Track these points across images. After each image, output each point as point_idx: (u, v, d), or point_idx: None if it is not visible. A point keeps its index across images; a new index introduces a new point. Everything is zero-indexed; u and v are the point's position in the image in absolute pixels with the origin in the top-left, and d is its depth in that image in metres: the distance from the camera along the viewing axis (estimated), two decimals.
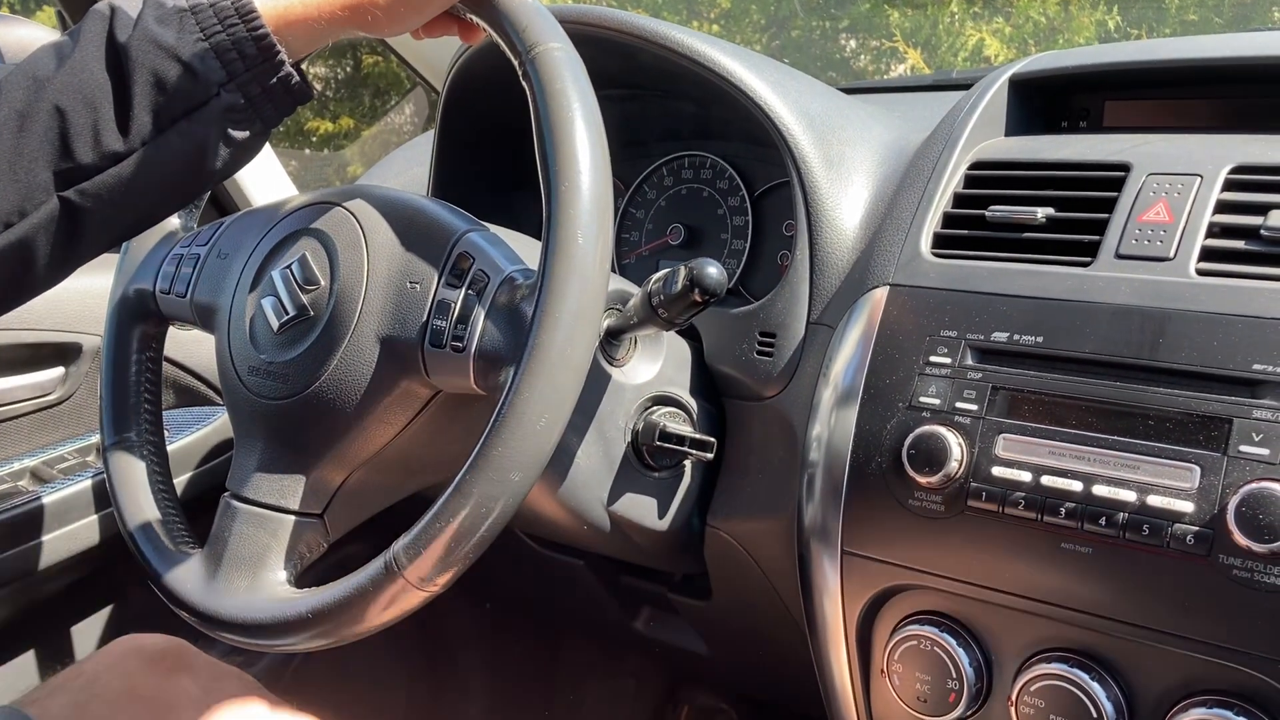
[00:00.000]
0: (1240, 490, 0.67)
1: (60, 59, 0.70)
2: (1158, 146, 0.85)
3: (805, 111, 0.97)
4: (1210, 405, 0.70)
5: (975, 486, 0.77)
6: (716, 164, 1.17)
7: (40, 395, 1.26)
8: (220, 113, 0.72)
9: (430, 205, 0.82)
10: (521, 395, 0.66)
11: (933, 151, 0.94)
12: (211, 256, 0.93)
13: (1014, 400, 0.77)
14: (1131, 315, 0.75)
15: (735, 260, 1.13)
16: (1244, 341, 0.70)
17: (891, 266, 0.88)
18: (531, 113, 0.71)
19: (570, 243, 0.67)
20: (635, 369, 0.90)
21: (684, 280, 0.75)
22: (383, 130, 4.52)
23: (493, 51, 0.81)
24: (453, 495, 0.67)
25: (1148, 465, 0.71)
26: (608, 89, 0.89)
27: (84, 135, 0.69)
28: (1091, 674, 0.74)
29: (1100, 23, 4.77)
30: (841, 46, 5.03)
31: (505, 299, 0.74)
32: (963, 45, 5.01)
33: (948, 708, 0.81)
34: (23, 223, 0.69)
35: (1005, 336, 0.79)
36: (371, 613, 0.71)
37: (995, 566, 0.77)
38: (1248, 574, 0.67)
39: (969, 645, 0.80)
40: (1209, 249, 0.77)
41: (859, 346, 0.85)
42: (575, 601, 1.32)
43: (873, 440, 0.82)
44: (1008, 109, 0.98)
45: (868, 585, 0.84)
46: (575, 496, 0.89)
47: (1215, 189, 0.79)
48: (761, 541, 0.95)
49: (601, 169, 0.69)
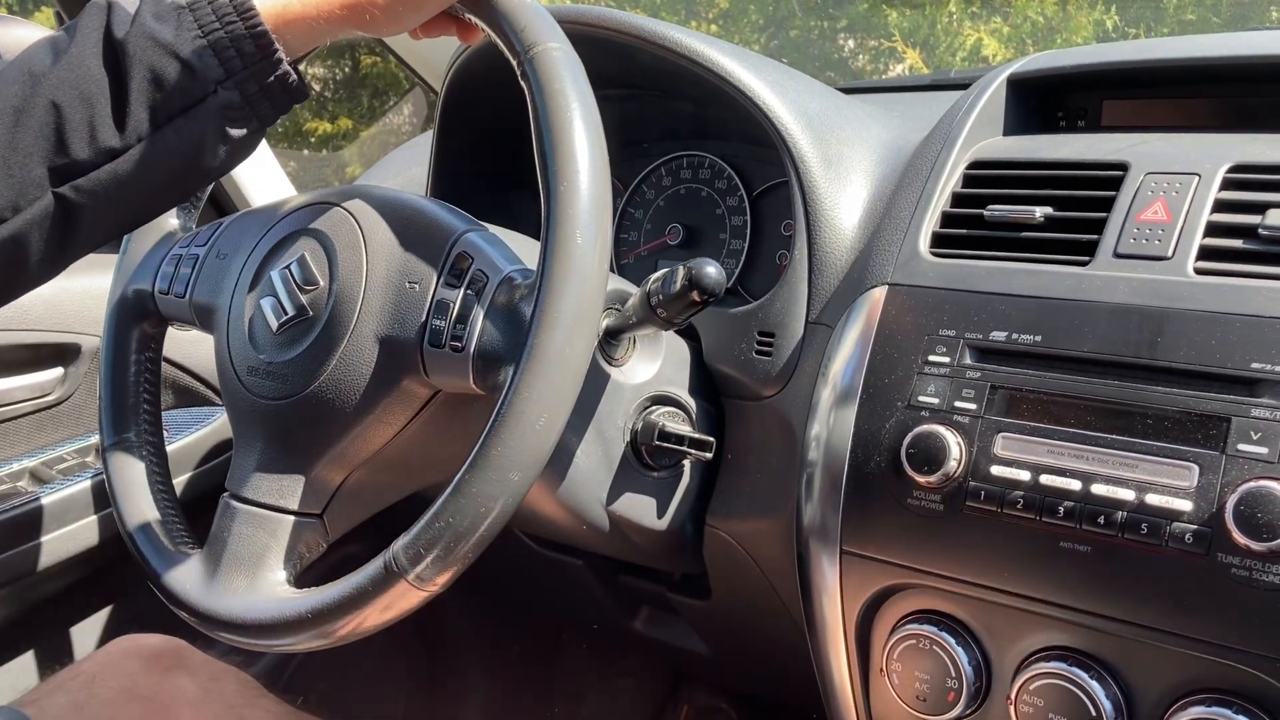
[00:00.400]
0: (1239, 489, 0.67)
1: (57, 54, 0.70)
2: (1156, 146, 0.85)
3: (804, 111, 0.97)
4: (1209, 404, 0.70)
5: (974, 486, 0.77)
6: (715, 164, 1.17)
7: (39, 396, 1.26)
8: (217, 110, 0.72)
9: (429, 205, 0.82)
10: (520, 395, 0.66)
11: (931, 151, 0.94)
12: (210, 257, 0.93)
13: (1013, 399, 0.77)
14: (1130, 314, 0.75)
15: (734, 260, 1.13)
16: (1242, 340, 0.70)
17: (890, 266, 0.88)
18: (530, 113, 0.71)
19: (569, 242, 0.67)
20: (634, 369, 0.90)
21: (682, 280, 0.75)
22: (381, 131, 4.51)
23: (491, 51, 0.81)
24: (452, 495, 0.67)
25: (1146, 464, 0.71)
26: (606, 89, 0.89)
27: (80, 131, 0.69)
28: (1090, 673, 0.74)
29: (1098, 22, 4.77)
30: (840, 46, 5.03)
31: (504, 299, 0.74)
32: (961, 45, 5.01)
33: (947, 706, 0.81)
34: (16, 218, 0.69)
35: (1004, 336, 0.79)
36: (371, 612, 0.71)
37: (994, 565, 0.77)
38: (1246, 572, 0.67)
39: (968, 644, 0.80)
40: (1207, 248, 0.77)
41: (858, 346, 0.85)
42: (574, 601, 1.32)
43: (871, 440, 0.82)
44: (1006, 108, 0.98)
45: (867, 584, 0.84)
46: (574, 496, 0.89)
47: (1213, 188, 0.79)
48: (761, 541, 0.95)
49: (600, 169, 0.69)
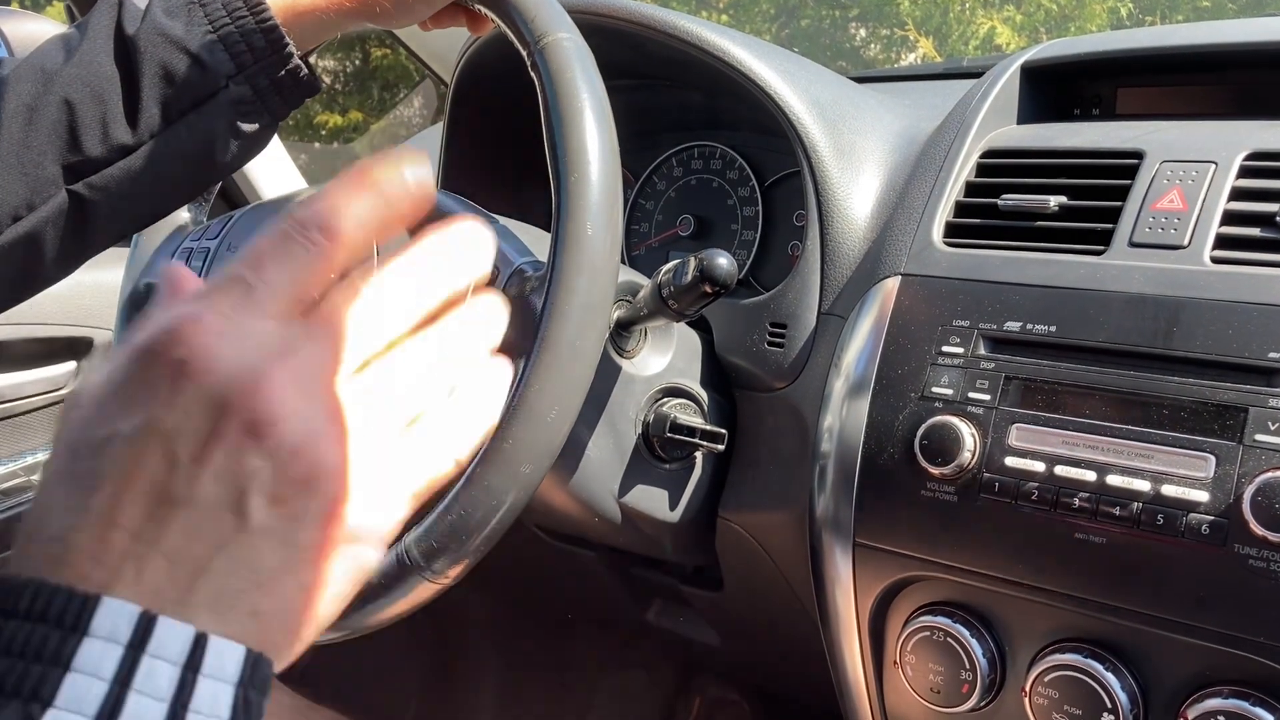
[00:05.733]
0: (1256, 479, 0.66)
1: (68, 51, 0.70)
2: (1171, 133, 0.85)
3: (815, 100, 0.97)
4: (1225, 394, 0.70)
5: (988, 477, 0.76)
6: (726, 154, 1.16)
7: (52, 390, 1.26)
8: (228, 105, 0.72)
9: (439, 197, 0.82)
10: (532, 388, 0.65)
11: (944, 140, 0.93)
12: (222, 250, 0.93)
13: (1027, 390, 0.77)
14: (1145, 304, 0.74)
15: (745, 251, 1.13)
16: (1259, 329, 0.70)
17: (903, 256, 0.87)
18: (540, 104, 0.71)
19: (580, 234, 0.67)
20: (645, 361, 0.90)
21: (694, 271, 0.75)
22: (391, 123, 4.52)
23: (501, 42, 0.81)
24: (464, 488, 0.67)
25: (1162, 455, 0.71)
26: (617, 79, 0.89)
27: (92, 128, 0.69)
28: (1106, 664, 0.74)
29: (1112, 9, 4.75)
30: (851, 35, 5.01)
31: (515, 291, 0.74)
32: (974, 33, 4.99)
33: (961, 698, 0.80)
34: (31, 216, 0.69)
35: (1018, 326, 0.78)
36: (384, 605, 0.71)
37: (1009, 557, 0.76)
38: (1264, 563, 0.66)
39: (982, 636, 0.80)
40: (1223, 236, 0.76)
41: (870, 337, 0.85)
42: (587, 593, 1.32)
43: (885, 431, 0.82)
44: (1020, 97, 0.98)
45: (880, 576, 0.84)
46: (586, 488, 0.89)
47: (1230, 176, 0.78)
48: (773, 533, 0.95)
49: (611, 160, 0.69)
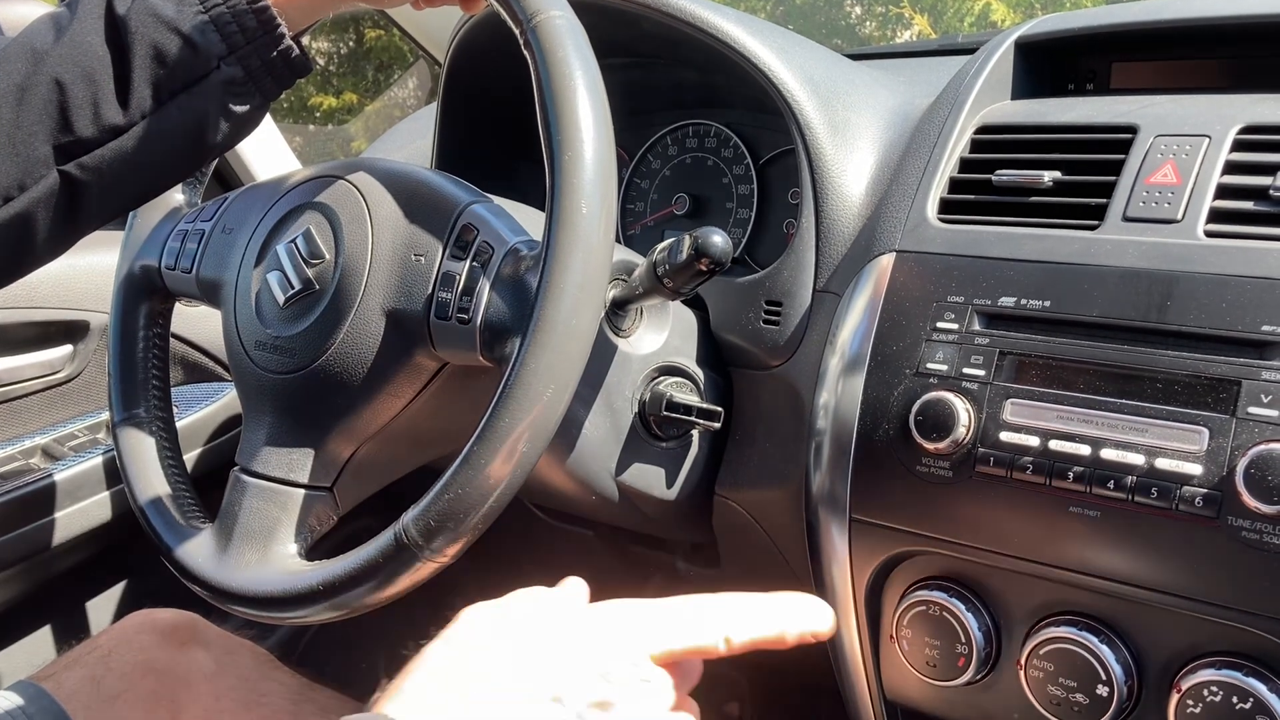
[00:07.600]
0: (1249, 452, 0.66)
1: (59, 31, 0.70)
2: (1165, 108, 0.85)
3: (810, 77, 0.97)
4: (1219, 367, 0.70)
5: (983, 452, 0.76)
6: (721, 132, 1.16)
7: (49, 373, 1.26)
8: (220, 86, 0.72)
9: (434, 177, 0.82)
10: (527, 366, 0.66)
11: (939, 116, 0.93)
12: (216, 232, 0.93)
13: (1021, 365, 0.77)
14: (1139, 278, 0.75)
15: (740, 229, 1.13)
16: (1253, 303, 0.70)
17: (898, 233, 0.87)
18: (533, 82, 0.71)
19: (574, 213, 0.67)
20: (641, 339, 0.90)
21: (689, 249, 0.75)
22: (386, 104, 4.50)
23: (494, 21, 0.80)
24: (461, 467, 0.67)
25: (1156, 428, 0.71)
26: (610, 57, 0.88)
27: (83, 108, 0.69)
28: (1100, 637, 0.74)
29: None
30: (847, 13, 4.99)
31: (510, 270, 0.74)
32: (969, 10, 4.97)
33: (957, 672, 0.81)
34: (22, 196, 0.69)
35: (1012, 301, 0.79)
36: (382, 584, 0.71)
37: (1004, 531, 0.77)
38: (1256, 535, 0.66)
39: (978, 610, 0.80)
40: (1217, 210, 0.76)
41: (865, 313, 0.85)
42: (585, 572, 1.32)
43: (880, 407, 0.82)
44: (1014, 72, 0.98)
45: (876, 552, 0.84)
46: (583, 467, 0.89)
47: (1224, 150, 0.78)
48: (770, 510, 0.95)
49: (605, 138, 0.69)
